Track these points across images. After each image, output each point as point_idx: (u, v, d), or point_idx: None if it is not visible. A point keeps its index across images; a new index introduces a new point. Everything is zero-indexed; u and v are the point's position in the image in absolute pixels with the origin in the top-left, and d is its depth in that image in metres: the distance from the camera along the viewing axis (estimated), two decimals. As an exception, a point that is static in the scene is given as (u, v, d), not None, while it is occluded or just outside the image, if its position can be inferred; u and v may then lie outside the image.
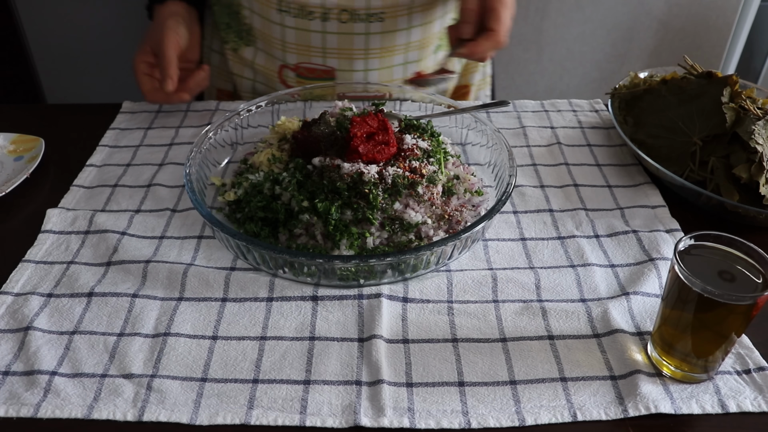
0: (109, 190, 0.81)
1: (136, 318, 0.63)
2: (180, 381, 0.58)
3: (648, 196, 0.81)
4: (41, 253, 0.71)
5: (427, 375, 0.58)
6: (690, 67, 0.90)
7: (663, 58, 2.02)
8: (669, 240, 0.73)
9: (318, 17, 0.92)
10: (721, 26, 1.99)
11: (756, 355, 0.60)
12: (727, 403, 0.56)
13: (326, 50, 0.96)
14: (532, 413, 0.55)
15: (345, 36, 0.94)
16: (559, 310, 0.65)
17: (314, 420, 0.55)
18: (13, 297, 0.66)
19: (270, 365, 0.59)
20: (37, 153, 0.85)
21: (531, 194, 0.81)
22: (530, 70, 2.06)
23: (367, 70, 0.98)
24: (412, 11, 0.93)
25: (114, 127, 0.95)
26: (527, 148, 0.90)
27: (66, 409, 0.55)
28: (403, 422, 0.54)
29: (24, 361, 0.59)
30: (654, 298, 0.66)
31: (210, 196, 0.79)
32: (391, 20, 0.93)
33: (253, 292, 0.66)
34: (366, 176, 0.69)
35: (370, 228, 0.68)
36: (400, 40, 0.96)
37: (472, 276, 0.68)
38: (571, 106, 1.01)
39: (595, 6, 1.94)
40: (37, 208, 0.78)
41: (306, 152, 0.76)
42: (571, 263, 0.70)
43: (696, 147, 0.80)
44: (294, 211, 0.70)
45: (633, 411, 0.55)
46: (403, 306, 0.65)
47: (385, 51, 0.96)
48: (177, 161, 0.87)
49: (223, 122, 0.82)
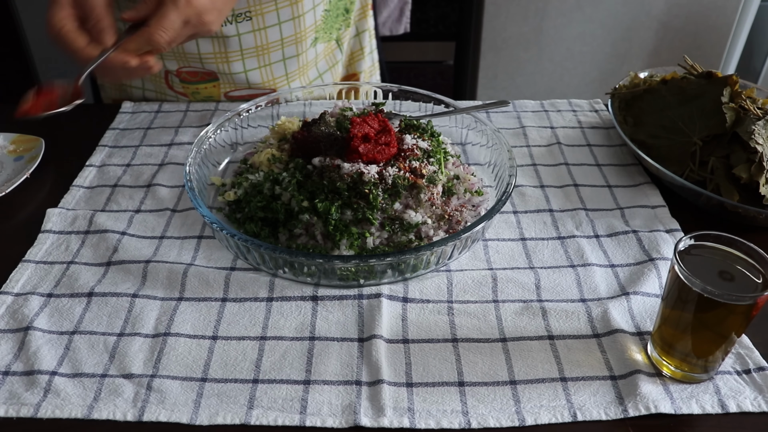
0: (109, 190, 0.81)
1: (136, 318, 0.64)
2: (180, 381, 0.58)
3: (648, 196, 0.81)
4: (41, 253, 0.71)
5: (427, 375, 0.58)
6: (690, 67, 0.90)
7: (663, 58, 2.03)
8: (669, 240, 0.73)
9: None
10: (721, 26, 1.99)
11: (756, 355, 0.60)
12: (727, 403, 0.56)
13: (202, 56, 0.95)
14: (532, 413, 0.55)
15: (217, 39, 0.94)
16: (559, 310, 0.65)
17: (314, 420, 0.55)
18: (13, 297, 0.66)
19: (270, 365, 0.59)
20: (37, 153, 0.85)
21: (531, 194, 0.81)
22: (530, 70, 2.06)
23: (246, 71, 0.98)
24: (278, 7, 0.93)
25: (114, 127, 0.95)
26: (527, 148, 0.90)
27: (66, 409, 0.55)
28: (403, 422, 0.54)
29: (24, 361, 0.59)
30: (654, 298, 0.66)
31: (210, 196, 0.79)
32: (258, 18, 0.93)
33: (253, 292, 0.66)
34: (366, 176, 0.69)
35: (370, 228, 0.68)
36: (273, 36, 0.96)
37: (472, 276, 0.68)
38: (571, 106, 1.01)
39: (595, 6, 1.94)
40: (37, 208, 0.78)
41: (306, 152, 0.76)
42: (571, 263, 0.70)
43: (696, 147, 0.80)
44: (294, 211, 0.70)
45: (633, 411, 0.55)
46: (403, 306, 0.65)
47: (260, 49, 0.96)
48: (177, 161, 0.87)
49: (223, 122, 0.82)
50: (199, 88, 1.00)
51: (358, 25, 1.10)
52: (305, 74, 1.04)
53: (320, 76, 1.07)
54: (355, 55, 1.12)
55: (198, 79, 0.99)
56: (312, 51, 1.02)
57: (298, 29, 0.97)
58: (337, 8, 1.03)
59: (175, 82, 1.00)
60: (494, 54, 2.02)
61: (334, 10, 1.02)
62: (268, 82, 1.00)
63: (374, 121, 0.75)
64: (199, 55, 0.95)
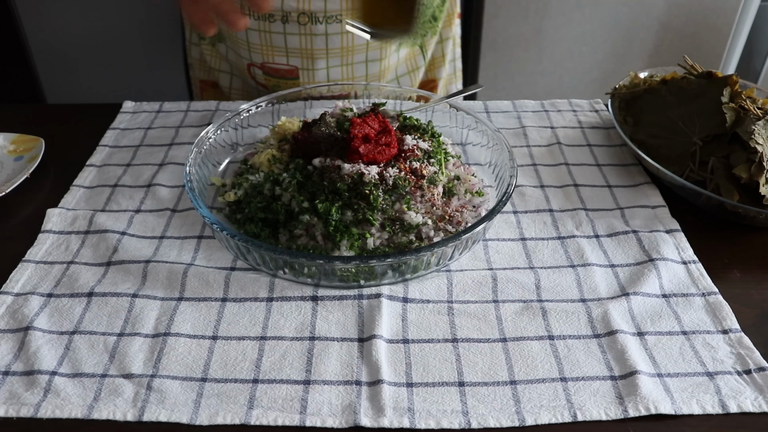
0: (109, 190, 0.81)
1: (136, 318, 0.64)
2: (180, 381, 0.58)
3: (648, 196, 0.81)
4: (41, 253, 0.71)
5: (427, 375, 0.58)
6: (690, 67, 0.90)
7: (663, 58, 2.02)
8: (669, 240, 0.73)
9: (278, 20, 0.95)
10: (721, 26, 1.99)
11: (756, 355, 0.60)
12: (727, 403, 0.56)
13: (288, 50, 0.98)
14: (532, 413, 0.55)
15: (305, 37, 0.96)
16: (559, 310, 0.65)
17: (314, 420, 0.55)
18: (13, 297, 0.66)
19: (270, 365, 0.59)
20: (37, 153, 0.85)
21: (531, 194, 0.81)
22: (530, 70, 2.06)
23: (329, 68, 1.00)
24: None
25: (114, 127, 0.95)
26: (527, 148, 0.90)
27: (66, 409, 0.55)
28: (403, 422, 0.54)
29: (24, 361, 0.59)
30: (654, 299, 0.66)
31: (210, 196, 0.79)
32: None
33: (253, 292, 0.66)
34: (366, 177, 0.69)
35: (371, 229, 0.68)
36: (359, 39, 0.97)
37: (472, 276, 0.68)
38: (571, 106, 1.01)
39: (595, 6, 1.94)
40: (37, 208, 0.78)
41: (306, 153, 0.76)
42: (571, 263, 0.70)
43: (696, 147, 0.80)
44: (294, 212, 0.70)
45: (633, 411, 0.55)
46: (403, 306, 0.65)
47: (345, 50, 0.98)
48: (177, 161, 0.87)
49: (224, 122, 0.82)
50: (279, 82, 1.03)
51: (442, 33, 1.11)
52: (384, 77, 1.06)
53: (397, 79, 1.09)
54: (436, 62, 1.13)
55: (280, 75, 1.02)
56: (395, 56, 1.04)
57: None
58: (425, 15, 1.04)
59: (258, 74, 1.03)
60: (494, 54, 2.02)
61: (422, 17, 1.03)
62: (347, 80, 1.02)
63: (374, 121, 0.75)
64: (286, 49, 0.98)
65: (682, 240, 0.74)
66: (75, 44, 2.00)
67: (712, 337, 0.62)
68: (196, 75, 1.15)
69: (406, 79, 1.10)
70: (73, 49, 2.01)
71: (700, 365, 0.59)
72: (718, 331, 0.63)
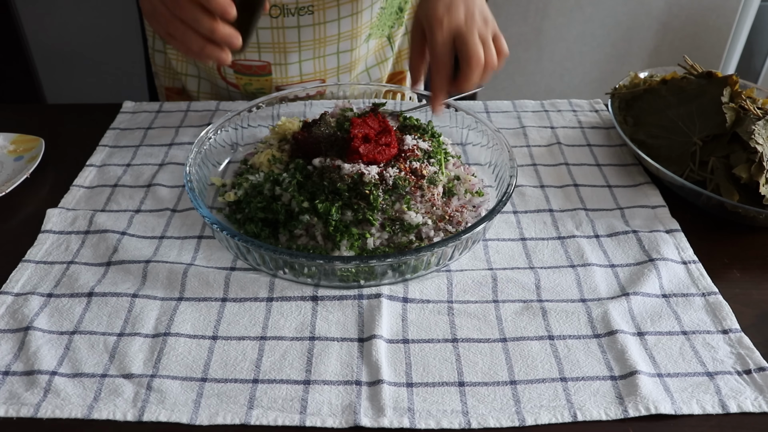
0: (109, 190, 0.81)
1: (136, 318, 0.64)
2: (180, 381, 0.58)
3: (648, 196, 0.81)
4: (41, 253, 0.71)
5: (427, 375, 0.58)
6: (690, 67, 0.90)
7: (663, 58, 2.03)
8: (669, 240, 0.73)
9: None
10: (721, 26, 1.99)
11: (756, 355, 0.60)
12: (727, 403, 0.56)
13: (260, 45, 0.97)
14: (532, 413, 0.55)
15: (277, 30, 0.96)
16: (559, 310, 0.65)
17: (314, 420, 0.55)
18: (13, 297, 0.66)
19: (270, 365, 0.59)
20: (37, 153, 0.85)
21: (531, 194, 0.81)
22: (530, 70, 2.06)
23: (301, 62, 1.00)
24: (340, 3, 0.95)
25: (114, 127, 0.95)
26: (527, 148, 0.90)
27: (66, 409, 0.55)
28: (403, 422, 0.54)
29: (24, 361, 0.59)
30: (654, 299, 0.66)
31: (210, 196, 0.79)
32: (320, 12, 0.95)
33: (253, 292, 0.66)
34: (366, 177, 0.69)
35: (371, 229, 0.68)
36: (331, 31, 0.97)
37: (472, 276, 0.68)
38: (571, 106, 1.01)
39: (595, 6, 1.94)
40: (37, 208, 0.78)
41: (306, 153, 0.76)
42: (571, 263, 0.70)
43: (696, 147, 0.80)
44: (294, 212, 0.70)
45: (633, 411, 0.55)
46: (403, 306, 0.65)
47: (317, 42, 0.98)
48: (177, 161, 0.87)
49: (224, 122, 0.82)
50: (251, 80, 1.02)
51: (407, 24, 1.12)
52: (355, 68, 1.06)
53: (367, 71, 1.10)
54: (403, 54, 1.14)
55: (252, 72, 1.01)
56: (365, 47, 1.04)
57: (356, 25, 0.99)
58: (392, 6, 1.05)
59: (228, 73, 1.02)
60: (494, 54, 2.02)
61: (389, 8, 1.04)
62: (319, 73, 1.02)
63: (374, 121, 0.75)
64: (258, 44, 0.97)
65: (682, 240, 0.74)
66: (75, 44, 2.00)
67: (712, 337, 0.62)
68: (161, 83, 1.12)
69: (376, 71, 1.10)
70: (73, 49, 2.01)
71: (700, 365, 0.59)
72: (718, 331, 0.63)
